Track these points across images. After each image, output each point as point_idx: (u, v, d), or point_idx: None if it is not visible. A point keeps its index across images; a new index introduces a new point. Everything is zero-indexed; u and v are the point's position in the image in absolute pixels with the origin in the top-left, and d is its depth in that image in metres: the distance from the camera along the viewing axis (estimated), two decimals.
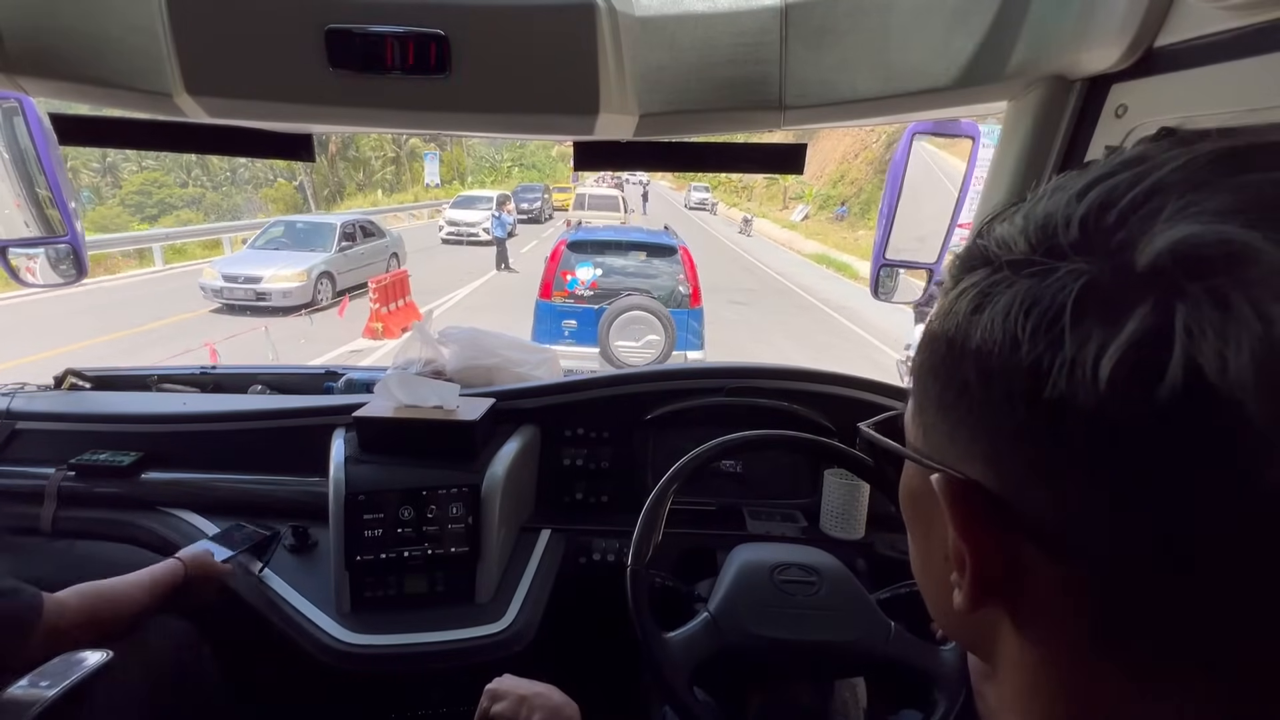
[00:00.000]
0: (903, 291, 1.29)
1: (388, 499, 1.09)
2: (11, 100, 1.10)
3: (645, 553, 0.84)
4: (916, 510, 0.34)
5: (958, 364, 0.26)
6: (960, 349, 0.26)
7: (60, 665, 0.83)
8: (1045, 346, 0.22)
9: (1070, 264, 0.23)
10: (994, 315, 0.24)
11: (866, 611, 0.84)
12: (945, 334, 0.27)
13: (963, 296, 0.27)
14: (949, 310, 0.27)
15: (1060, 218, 0.24)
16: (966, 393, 0.26)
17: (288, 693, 1.11)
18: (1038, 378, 0.22)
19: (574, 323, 4.90)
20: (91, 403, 1.42)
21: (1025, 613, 0.27)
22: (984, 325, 0.25)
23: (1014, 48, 0.83)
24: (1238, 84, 0.64)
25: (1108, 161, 0.26)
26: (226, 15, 0.84)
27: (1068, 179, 0.27)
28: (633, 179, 39.55)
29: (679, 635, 0.80)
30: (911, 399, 0.32)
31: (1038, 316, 0.23)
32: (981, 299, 0.25)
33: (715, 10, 0.88)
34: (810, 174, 28.83)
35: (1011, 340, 0.23)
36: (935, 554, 0.32)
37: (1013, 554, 0.26)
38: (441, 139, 33.95)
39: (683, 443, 1.02)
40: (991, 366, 0.24)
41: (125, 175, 23.52)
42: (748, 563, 0.87)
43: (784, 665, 0.83)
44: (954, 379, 0.27)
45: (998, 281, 0.25)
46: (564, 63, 0.86)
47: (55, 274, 1.33)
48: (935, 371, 0.28)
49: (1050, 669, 0.26)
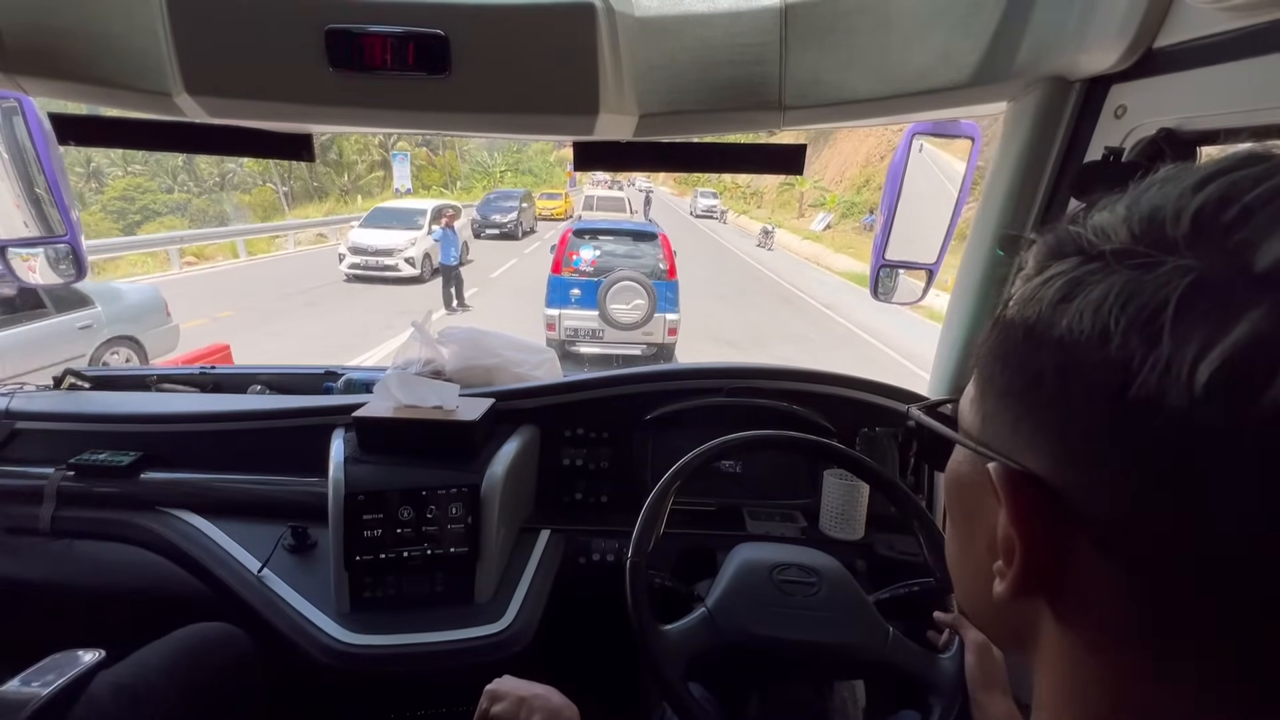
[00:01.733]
0: (902, 292, 1.29)
1: (387, 499, 1.09)
2: (11, 100, 1.10)
3: (646, 547, 0.84)
4: (962, 497, 0.33)
5: (1034, 352, 0.25)
6: (1039, 337, 0.25)
7: (55, 663, 0.83)
8: (1139, 342, 0.21)
9: (1179, 258, 0.21)
10: (1085, 305, 0.23)
11: (865, 615, 0.84)
12: (1024, 321, 0.26)
13: (1049, 284, 0.25)
14: (1030, 297, 0.26)
15: (1170, 210, 0.23)
16: (1039, 383, 0.25)
17: (287, 693, 1.11)
18: (1126, 374, 0.21)
19: (579, 291, 6.34)
20: (91, 402, 1.42)
21: (1069, 605, 0.26)
22: (1072, 314, 0.24)
23: (1014, 49, 0.83)
24: (1237, 84, 0.64)
25: (1223, 158, 0.24)
26: (227, 15, 0.84)
27: (1179, 171, 0.25)
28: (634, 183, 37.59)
29: (675, 628, 0.80)
30: (973, 385, 0.31)
31: (1135, 310, 0.21)
32: (1072, 287, 0.24)
33: (715, 10, 0.88)
34: (830, 178, 27.76)
35: (1102, 332, 0.22)
36: (977, 543, 0.32)
37: (1064, 546, 0.25)
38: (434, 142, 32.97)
39: (683, 443, 1.02)
40: (1073, 358, 0.23)
41: (110, 180, 22.92)
42: (747, 561, 0.87)
43: (780, 664, 0.83)
44: (1027, 367, 0.26)
45: (1093, 271, 0.24)
46: (564, 63, 0.86)
47: (54, 274, 1.33)
48: (1005, 358, 0.27)
49: (1092, 664, 0.26)
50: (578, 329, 6.29)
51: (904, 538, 1.17)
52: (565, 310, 6.27)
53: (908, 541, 1.16)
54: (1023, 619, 0.29)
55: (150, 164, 23.21)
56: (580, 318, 6.23)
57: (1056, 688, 0.28)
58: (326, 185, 27.82)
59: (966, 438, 0.31)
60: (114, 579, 1.20)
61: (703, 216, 29.98)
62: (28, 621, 1.20)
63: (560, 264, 6.47)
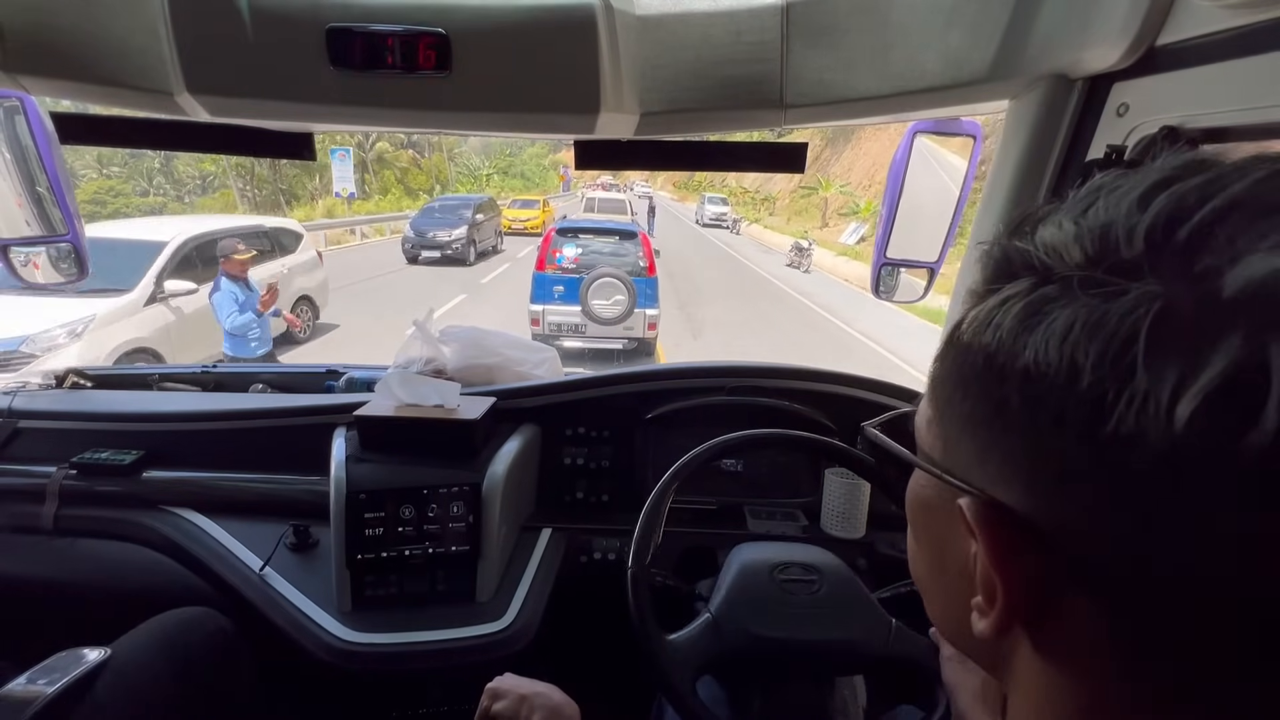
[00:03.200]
0: (904, 290, 1.29)
1: (389, 498, 1.09)
2: (13, 99, 1.10)
3: (646, 554, 0.84)
4: (929, 521, 0.32)
5: (997, 382, 0.24)
6: (1002, 367, 0.24)
7: (60, 661, 0.83)
8: (1112, 378, 0.20)
9: (1143, 285, 0.21)
10: (1049, 335, 0.22)
11: (867, 609, 0.84)
12: (983, 347, 0.25)
13: (1005, 307, 0.24)
14: (986, 321, 0.25)
15: (1121, 228, 0.22)
16: (1004, 413, 0.24)
17: (288, 692, 1.11)
18: (1099, 410, 0.20)
19: (562, 288, 6.52)
20: (93, 401, 1.42)
21: (1048, 637, 0.26)
22: (1036, 345, 0.22)
23: (1015, 47, 0.82)
24: (1239, 82, 0.64)
25: (1163, 164, 0.23)
26: (227, 14, 0.84)
27: (1118, 179, 0.24)
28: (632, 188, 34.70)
29: (681, 637, 0.79)
30: (928, 404, 0.30)
31: (1103, 342, 0.21)
32: (1031, 313, 0.23)
33: (716, 9, 0.88)
34: (857, 182, 25.95)
35: (1070, 367, 0.21)
36: (948, 568, 0.31)
37: (1045, 582, 0.24)
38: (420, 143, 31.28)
39: (683, 442, 1.02)
40: (1041, 391, 0.22)
41: (82, 183, 21.53)
42: (748, 562, 0.87)
43: (786, 664, 0.83)
44: (990, 396, 0.25)
45: (1051, 296, 0.23)
46: (564, 61, 0.86)
47: (57, 273, 1.33)
48: (965, 385, 0.27)
49: (1070, 693, 0.26)
50: (561, 324, 6.48)
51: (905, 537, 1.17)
52: (549, 306, 6.49)
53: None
54: (1001, 649, 0.28)
55: (128, 165, 22.34)
56: (563, 313, 6.45)
57: (1029, 712, 0.28)
58: (296, 189, 25.10)
59: (928, 461, 0.30)
60: (116, 577, 1.21)
61: (711, 225, 26.62)
62: (31, 620, 1.20)
63: (544, 261, 6.68)
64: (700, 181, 44.53)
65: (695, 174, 42.23)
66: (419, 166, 32.91)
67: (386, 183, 29.51)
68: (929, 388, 0.30)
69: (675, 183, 54.44)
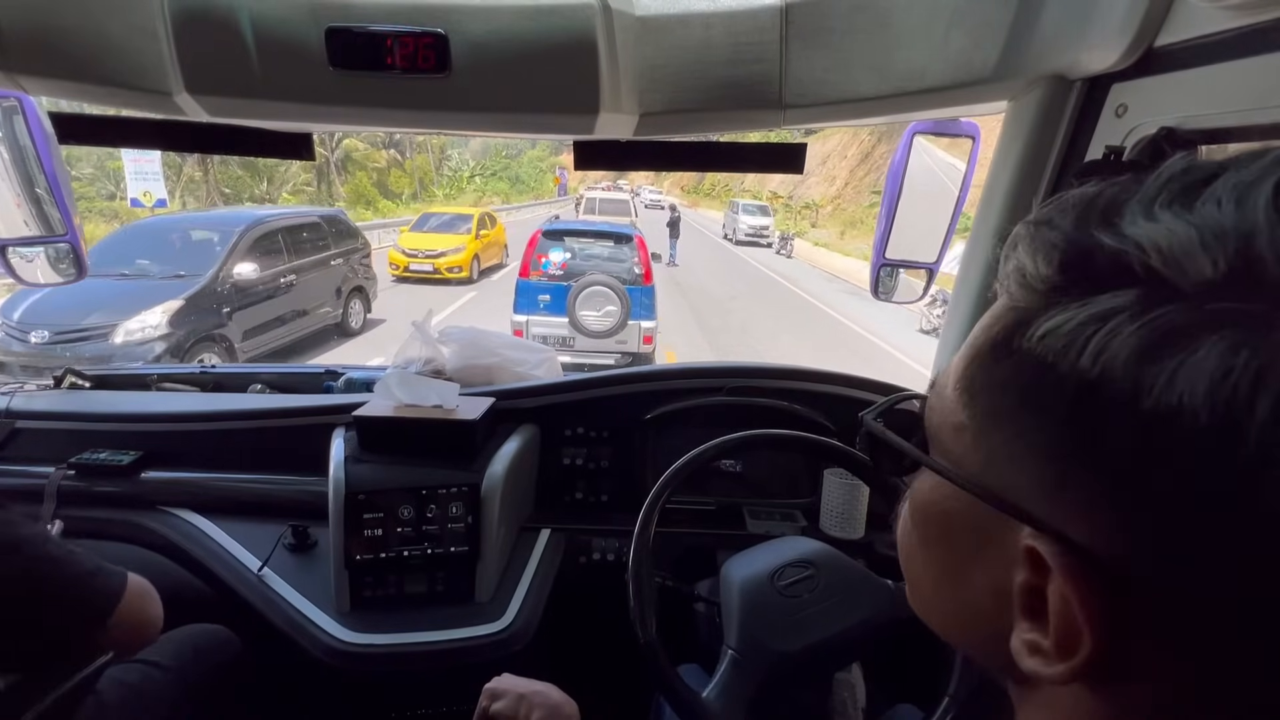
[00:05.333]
0: (903, 291, 1.29)
1: (387, 498, 1.09)
2: (11, 99, 1.10)
3: (651, 618, 0.80)
4: (947, 534, 0.29)
5: (1097, 415, 0.21)
6: (1110, 398, 0.20)
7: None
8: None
9: None
10: (1195, 375, 0.18)
11: (866, 583, 0.84)
12: (1076, 370, 0.21)
13: (1112, 329, 0.20)
14: (1082, 341, 0.21)
15: (1266, 239, 0.19)
16: (1100, 450, 0.21)
17: (287, 692, 1.11)
18: (1256, 479, 0.18)
19: (548, 297, 5.88)
20: (91, 402, 1.42)
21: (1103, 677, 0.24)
22: (1174, 386, 0.19)
23: (1014, 47, 0.83)
24: (1238, 84, 0.64)
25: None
26: (226, 15, 0.84)
27: (1242, 171, 0.20)
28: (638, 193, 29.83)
29: (714, 690, 0.76)
30: (963, 411, 0.27)
31: (1275, 393, 0.17)
32: (1157, 344, 0.19)
33: (715, 10, 0.88)
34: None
35: (1226, 424, 0.18)
36: (970, 586, 0.28)
37: (1118, 628, 0.22)
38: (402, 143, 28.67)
39: (682, 442, 1.01)
40: (1173, 442, 0.19)
41: None
42: (746, 580, 0.85)
43: (813, 667, 0.82)
44: (1082, 427, 0.21)
45: (1181, 325, 0.19)
46: (564, 62, 0.86)
47: (55, 273, 1.33)
48: (1040, 408, 0.23)
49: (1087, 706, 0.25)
50: (546, 337, 5.77)
51: None
52: (533, 317, 5.89)
53: None
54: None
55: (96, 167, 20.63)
56: (549, 324, 5.83)
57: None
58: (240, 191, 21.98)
59: (953, 468, 0.27)
60: None
61: (748, 243, 19.71)
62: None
63: (528, 267, 6.11)
64: (713, 185, 40.31)
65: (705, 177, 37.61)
66: (401, 168, 29.50)
67: (359, 187, 25.41)
68: (960, 390, 0.27)
69: (683, 186, 47.03)
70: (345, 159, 25.78)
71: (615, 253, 6.24)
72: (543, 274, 6.04)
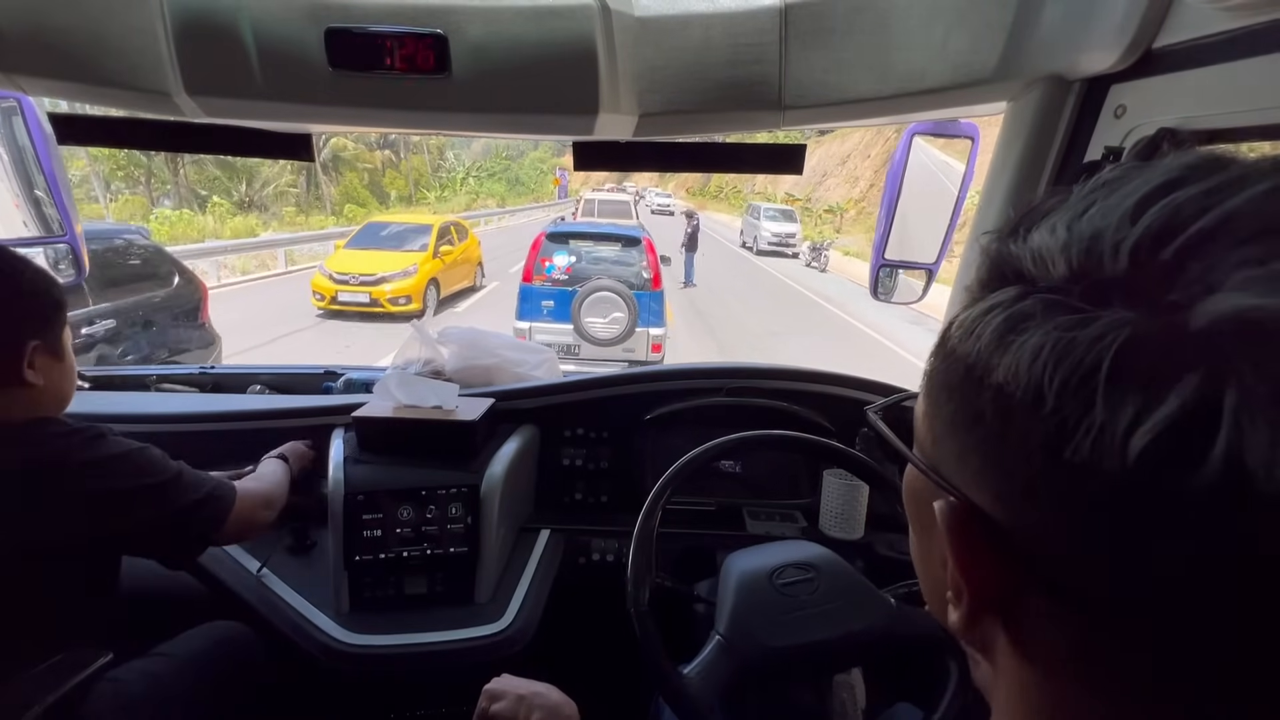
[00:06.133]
0: (902, 292, 1.29)
1: (387, 499, 1.09)
2: (10, 100, 1.10)
3: (645, 589, 0.82)
4: (919, 510, 0.33)
5: (975, 392, 0.25)
6: (979, 378, 0.24)
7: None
8: (1073, 406, 0.21)
9: (1113, 313, 0.21)
10: (1020, 357, 0.22)
11: (867, 595, 0.84)
12: (964, 356, 0.26)
13: (988, 318, 0.24)
14: (971, 329, 0.25)
15: (1109, 241, 0.22)
16: (981, 423, 0.25)
17: (286, 693, 1.11)
18: (1060, 435, 0.21)
19: (551, 303, 5.65)
20: (90, 403, 1.42)
21: (1020, 632, 0.27)
22: (1008, 365, 0.23)
23: (1013, 48, 0.83)
24: (1237, 84, 0.64)
25: (1174, 162, 0.23)
26: (226, 15, 0.84)
27: (1122, 176, 0.24)
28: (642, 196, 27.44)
29: (697, 669, 0.77)
30: (923, 400, 0.31)
31: (1068, 370, 0.21)
32: (1008, 329, 0.23)
33: (715, 10, 0.88)
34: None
35: (1036, 390, 0.22)
36: (933, 558, 0.32)
37: (1011, 582, 0.25)
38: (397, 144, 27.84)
39: (682, 443, 1.01)
40: (1010, 409, 0.23)
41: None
42: (745, 573, 0.86)
43: (800, 668, 0.82)
44: (969, 405, 0.25)
45: (1027, 314, 0.23)
46: (563, 62, 0.86)
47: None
48: (950, 389, 0.27)
49: (1038, 687, 0.27)
50: (550, 345, 5.38)
51: (904, 537, 1.16)
52: (536, 323, 5.69)
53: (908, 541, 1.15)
54: (980, 636, 0.29)
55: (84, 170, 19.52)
56: (553, 331, 5.62)
57: (1009, 702, 0.29)
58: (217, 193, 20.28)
59: (920, 453, 0.31)
60: None
61: (772, 253, 17.50)
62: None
63: (531, 271, 5.83)
64: (719, 186, 38.54)
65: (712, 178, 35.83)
66: (396, 168, 28.94)
67: (348, 188, 24.58)
68: (923, 382, 0.31)
69: (689, 188, 45.02)
70: (334, 159, 24.92)
71: (622, 256, 5.94)
72: (546, 278, 5.78)
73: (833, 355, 7.46)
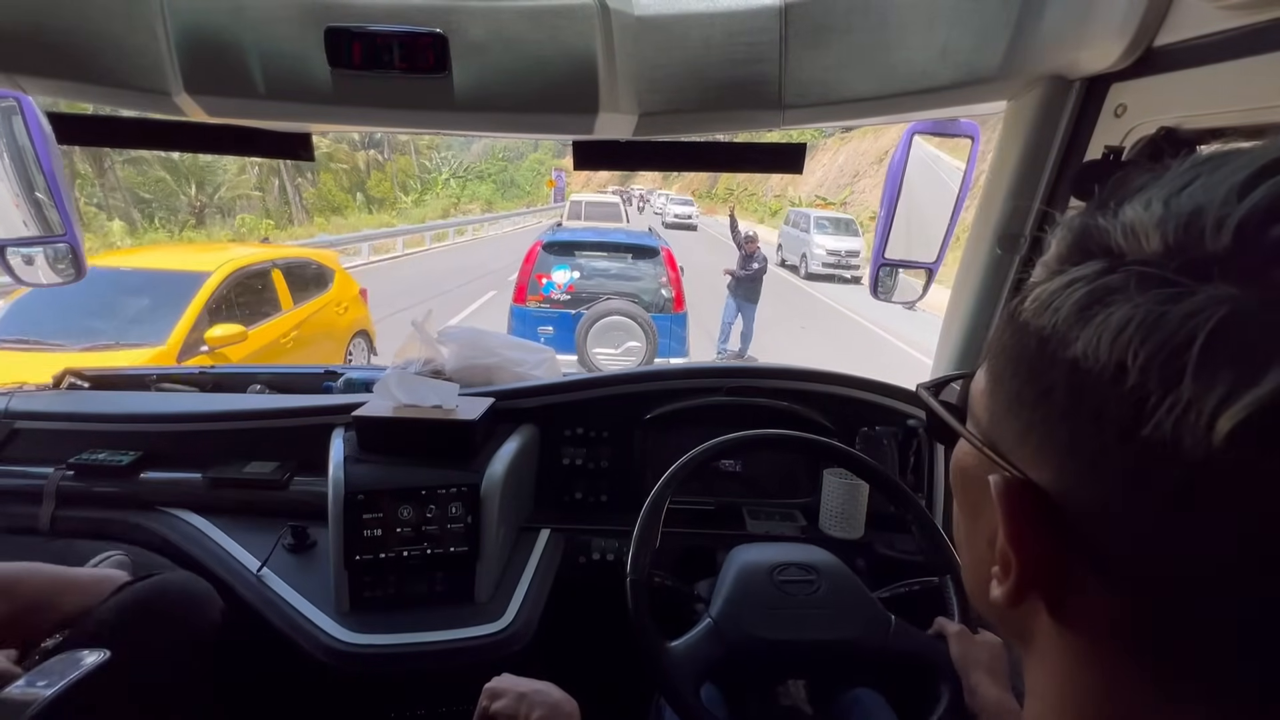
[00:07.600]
0: (902, 291, 1.29)
1: (387, 498, 1.09)
2: (10, 99, 1.10)
3: (644, 561, 0.84)
4: (967, 489, 0.32)
5: (1047, 366, 0.24)
6: (1053, 352, 0.24)
7: (58, 664, 0.83)
8: (1157, 382, 0.20)
9: (1215, 287, 0.19)
10: (1104, 329, 0.21)
11: (866, 607, 0.84)
12: (1039, 329, 0.25)
13: (1069, 291, 0.23)
14: (1048, 302, 0.24)
15: (1212, 217, 0.20)
16: (1050, 398, 0.24)
17: (286, 693, 1.11)
18: (1139, 412, 0.20)
19: (550, 329, 4.55)
20: (90, 402, 1.42)
21: (1065, 611, 0.26)
22: (1089, 338, 0.22)
23: (1013, 47, 0.83)
24: (1237, 83, 0.64)
25: (1275, 143, 0.22)
26: (226, 15, 0.84)
27: (1225, 156, 0.22)
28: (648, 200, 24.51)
29: (682, 644, 0.79)
30: (985, 375, 0.30)
31: (1156, 345, 0.20)
32: (1091, 301, 0.22)
33: (715, 10, 0.88)
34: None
35: (1118, 364, 0.21)
36: (980, 536, 0.31)
37: (1065, 563, 0.25)
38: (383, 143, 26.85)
39: (682, 442, 1.02)
40: (1086, 383, 0.22)
41: None
42: (747, 564, 0.87)
43: (787, 666, 0.82)
44: (1039, 379, 0.25)
45: (1114, 288, 0.22)
46: (563, 62, 0.86)
47: (54, 273, 1.33)
48: (1017, 363, 0.26)
49: (1088, 675, 0.26)
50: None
51: (904, 537, 1.17)
52: None
53: (908, 540, 1.16)
54: (1021, 618, 0.29)
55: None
56: None
57: (1050, 686, 0.28)
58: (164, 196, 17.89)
59: (975, 429, 0.30)
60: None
61: (823, 277, 12.70)
62: None
63: (525, 290, 4.69)
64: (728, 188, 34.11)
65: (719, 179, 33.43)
66: (380, 168, 27.00)
67: (325, 192, 21.90)
68: (985, 359, 0.30)
69: (694, 190, 39.57)
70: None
71: (635, 269, 4.87)
72: (543, 298, 4.69)
73: None
